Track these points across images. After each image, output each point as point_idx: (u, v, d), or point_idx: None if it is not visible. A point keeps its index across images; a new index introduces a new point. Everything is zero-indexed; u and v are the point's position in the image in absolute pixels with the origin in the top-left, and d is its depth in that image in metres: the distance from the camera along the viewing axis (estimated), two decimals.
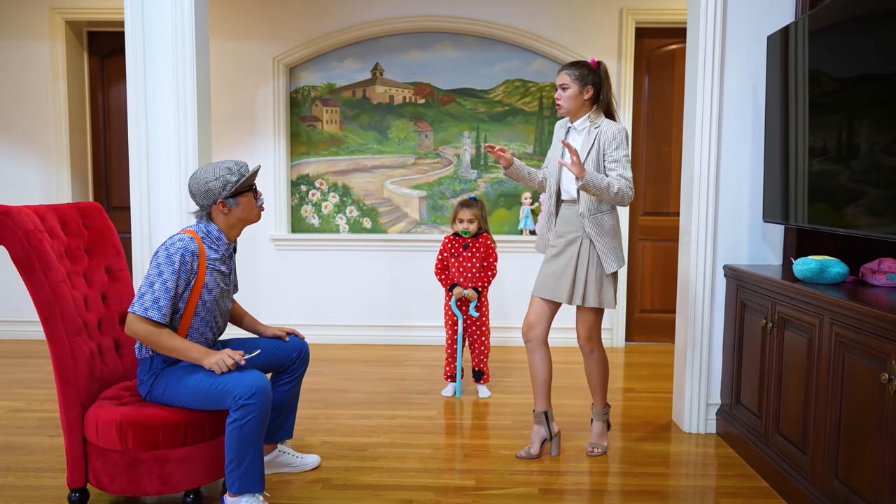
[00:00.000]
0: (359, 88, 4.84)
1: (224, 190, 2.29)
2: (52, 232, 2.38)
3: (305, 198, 4.93)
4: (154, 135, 3.20)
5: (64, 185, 4.91)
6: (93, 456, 2.26)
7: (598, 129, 2.68)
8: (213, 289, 2.32)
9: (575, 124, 2.76)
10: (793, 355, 2.52)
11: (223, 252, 2.35)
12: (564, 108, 2.73)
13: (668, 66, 4.77)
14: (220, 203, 2.31)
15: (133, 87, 3.17)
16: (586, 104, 2.73)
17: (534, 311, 2.82)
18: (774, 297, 2.65)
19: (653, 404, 3.58)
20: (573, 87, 2.69)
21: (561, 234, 2.79)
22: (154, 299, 2.17)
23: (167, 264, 2.19)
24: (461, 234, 3.58)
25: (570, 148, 2.49)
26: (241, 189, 2.33)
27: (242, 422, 2.13)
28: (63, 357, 2.23)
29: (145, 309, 2.16)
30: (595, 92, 2.71)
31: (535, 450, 2.83)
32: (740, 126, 3.11)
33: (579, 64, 2.72)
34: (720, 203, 3.13)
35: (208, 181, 2.28)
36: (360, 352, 4.62)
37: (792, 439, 2.51)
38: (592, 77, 2.70)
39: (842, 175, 2.46)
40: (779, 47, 2.90)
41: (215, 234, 2.33)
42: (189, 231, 2.30)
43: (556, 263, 2.77)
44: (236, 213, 2.34)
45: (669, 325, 4.86)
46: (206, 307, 2.31)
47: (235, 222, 2.36)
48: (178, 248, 2.22)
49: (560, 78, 2.72)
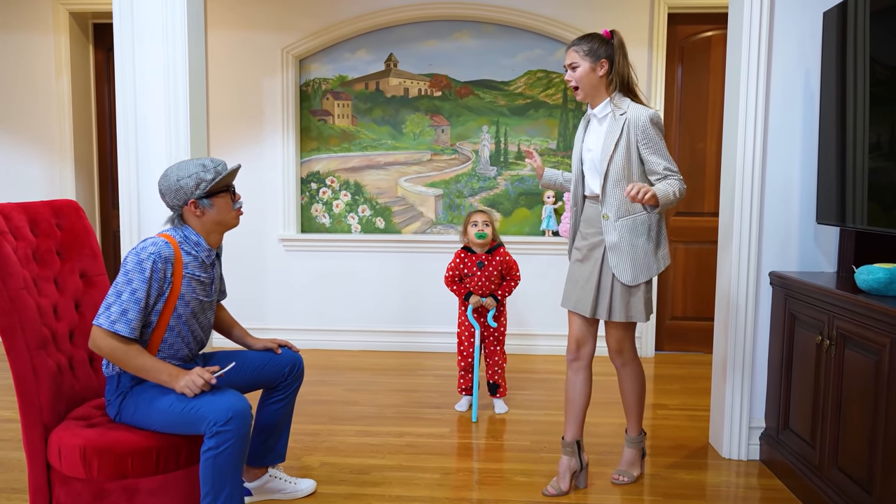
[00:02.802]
0: (372, 81, 4.57)
1: (197, 189, 2.03)
2: (17, 233, 2.14)
3: (316, 196, 4.67)
4: (143, 130, 2.97)
5: (68, 181, 4.73)
6: (56, 484, 2.02)
7: (624, 115, 2.34)
8: (191, 301, 2.06)
9: (595, 111, 2.43)
10: (855, 378, 2.18)
11: (203, 258, 2.09)
12: (580, 90, 2.40)
13: (704, 55, 4.42)
14: (192, 203, 2.04)
15: (122, 80, 2.94)
16: (603, 83, 2.38)
17: (577, 327, 2.49)
18: (832, 310, 2.31)
19: (687, 423, 3.25)
20: (583, 64, 2.35)
21: (585, 236, 2.47)
22: (122, 311, 1.92)
23: (137, 272, 1.94)
24: (477, 237, 3.26)
25: (632, 196, 2.17)
26: (217, 189, 2.07)
27: (218, 451, 1.87)
28: (23, 373, 1.99)
29: (112, 322, 1.91)
30: (610, 66, 2.36)
31: (565, 485, 2.50)
32: (790, 115, 2.76)
33: (588, 37, 2.38)
34: (766, 202, 2.79)
35: (180, 178, 2.03)
36: (371, 359, 4.35)
37: (853, 476, 2.17)
38: (606, 49, 2.36)
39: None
40: (835, 25, 2.55)
41: (193, 239, 2.08)
42: (164, 235, 2.05)
43: (580, 271, 2.46)
44: (211, 216, 2.08)
45: (703, 333, 4.51)
46: (181, 321, 2.05)
47: (211, 226, 2.10)
48: (150, 253, 1.96)
49: (568, 56, 2.39)
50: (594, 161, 2.40)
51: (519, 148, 4.53)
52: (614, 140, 2.33)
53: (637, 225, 2.36)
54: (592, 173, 2.42)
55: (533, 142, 4.52)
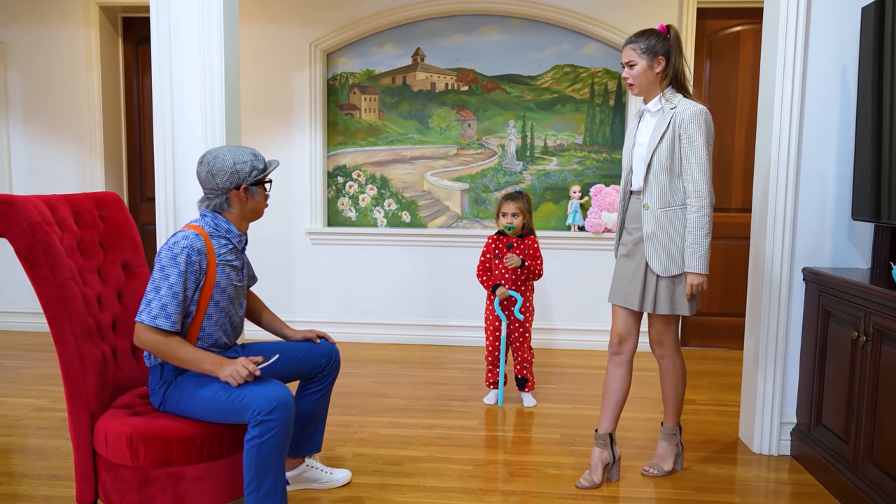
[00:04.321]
0: (399, 75, 4.59)
1: (250, 175, 2.09)
2: (63, 224, 2.19)
3: (342, 190, 4.71)
4: (180, 123, 3.00)
5: (97, 175, 4.80)
6: (102, 470, 2.06)
7: (673, 109, 2.36)
8: (227, 287, 2.11)
9: (649, 106, 2.45)
10: (892, 375, 2.17)
11: (235, 243, 2.14)
12: (636, 87, 2.41)
13: (733, 50, 4.39)
14: (244, 189, 2.10)
15: (158, 73, 2.98)
16: (660, 78, 2.40)
17: (621, 322, 2.50)
18: (869, 306, 2.30)
19: (716, 419, 3.25)
20: (641, 62, 2.38)
21: (630, 232, 2.49)
22: (161, 306, 1.96)
23: (172, 266, 1.98)
24: (506, 229, 3.29)
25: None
26: (262, 179, 2.14)
27: (262, 439, 1.90)
28: (71, 362, 2.04)
29: (153, 318, 1.95)
30: (667, 63, 2.38)
31: (598, 477, 2.52)
32: (826, 111, 2.74)
33: (645, 34, 2.39)
34: (800, 198, 2.78)
35: (237, 162, 2.07)
36: (398, 352, 4.39)
37: (891, 472, 2.16)
38: (663, 46, 2.37)
39: None
40: (873, 20, 2.53)
41: (224, 227, 2.12)
42: (193, 227, 2.08)
43: (627, 266, 2.48)
44: (252, 204, 2.14)
45: (730, 329, 4.50)
46: (218, 308, 2.09)
47: (249, 213, 2.16)
48: (183, 247, 2.00)
49: (625, 55, 2.41)
50: (642, 155, 2.43)
51: (545, 143, 4.53)
52: (661, 132, 2.35)
53: (675, 217, 2.37)
54: (640, 166, 2.43)
55: (560, 136, 4.52)
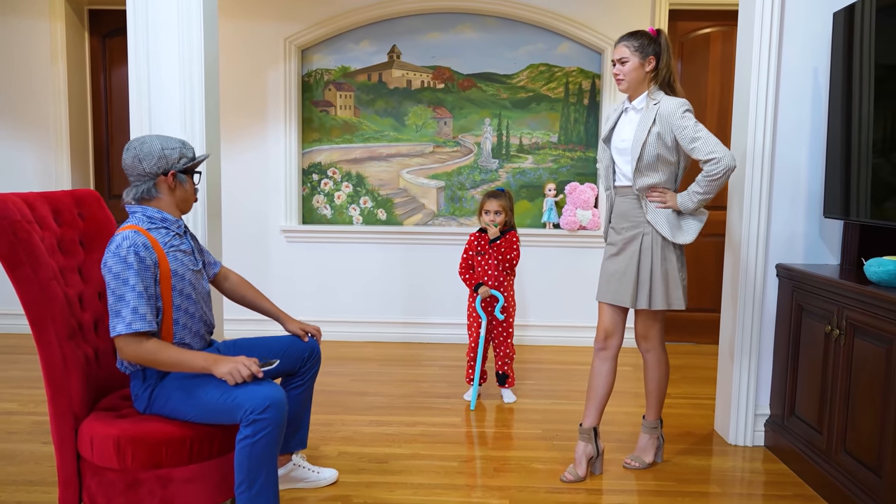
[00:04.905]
0: (375, 72, 4.57)
1: (178, 162, 2.07)
2: (42, 223, 2.13)
3: (317, 187, 4.67)
4: (158, 119, 2.94)
5: (63, 172, 4.67)
6: (87, 474, 2.02)
7: (657, 105, 2.42)
8: (185, 273, 2.06)
9: (634, 103, 2.50)
10: (866, 366, 2.26)
11: (174, 229, 2.09)
12: (625, 83, 2.47)
13: (703, 51, 4.49)
14: (172, 175, 2.06)
15: (135, 68, 2.91)
16: (647, 78, 2.46)
17: (608, 318, 2.55)
18: (842, 301, 2.39)
19: (692, 412, 3.33)
20: (633, 59, 2.43)
21: (619, 231, 2.54)
22: (132, 310, 1.90)
23: (125, 269, 1.92)
24: (487, 227, 3.31)
25: (653, 196, 2.47)
26: (191, 168, 2.13)
27: (254, 439, 1.88)
28: (54, 364, 1.99)
29: (128, 324, 1.90)
30: (657, 63, 2.45)
31: (582, 471, 2.57)
32: (798, 112, 2.84)
33: (638, 34, 2.46)
34: (774, 197, 2.86)
35: (164, 148, 2.05)
36: (375, 350, 4.38)
37: (864, 460, 2.25)
38: (653, 47, 2.44)
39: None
40: (843, 26, 2.63)
41: (157, 216, 2.06)
42: (127, 227, 2.02)
43: (616, 263, 2.52)
44: (181, 192, 2.11)
45: (700, 324, 4.61)
46: (184, 296, 2.05)
47: (179, 202, 2.12)
48: (127, 246, 1.94)
49: (617, 51, 2.46)
50: (628, 149, 2.48)
51: (521, 141, 4.57)
52: (647, 128, 2.41)
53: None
54: (626, 161, 2.48)
55: (535, 134, 4.56)
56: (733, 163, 2.32)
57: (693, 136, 2.34)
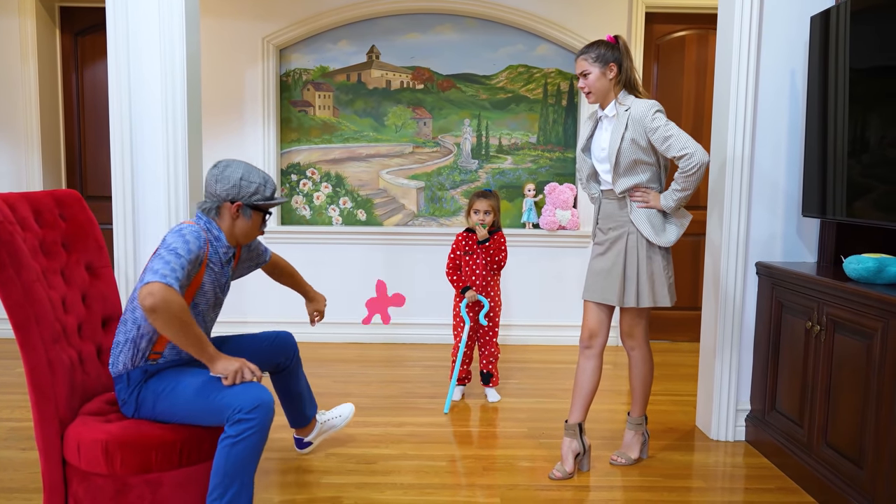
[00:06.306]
0: (354, 72, 4.55)
1: (252, 196, 2.07)
2: (24, 224, 2.08)
3: (296, 188, 4.64)
4: (138, 119, 2.89)
5: (35, 172, 4.56)
6: (73, 480, 1.98)
7: (627, 110, 2.45)
8: (208, 292, 2.08)
9: (605, 111, 2.54)
10: (846, 361, 2.32)
11: (221, 253, 2.10)
12: (593, 95, 2.50)
13: (679, 53, 4.57)
14: (238, 206, 2.06)
15: (115, 67, 2.86)
16: (613, 84, 2.49)
17: (593, 317, 2.58)
18: (822, 297, 2.46)
19: (673, 408, 3.39)
20: (594, 70, 2.47)
21: (605, 231, 2.58)
22: (171, 269, 1.85)
23: (180, 242, 1.94)
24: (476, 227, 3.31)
25: (636, 196, 2.51)
26: (263, 207, 2.12)
27: (236, 440, 1.84)
28: (39, 368, 1.94)
29: (163, 276, 1.82)
30: (619, 69, 2.48)
31: (569, 467, 2.59)
32: (777, 113, 2.90)
33: (595, 45, 2.49)
34: (753, 196, 2.93)
35: (244, 178, 2.05)
36: (357, 351, 4.36)
37: (845, 453, 2.31)
38: (612, 53, 2.47)
39: (892, 165, 2.27)
40: (820, 30, 2.70)
41: (215, 233, 2.10)
42: (196, 224, 2.07)
43: (602, 262, 2.56)
44: (242, 226, 2.11)
45: (678, 322, 4.69)
46: (197, 312, 2.07)
47: (238, 233, 2.12)
48: (192, 230, 1.99)
49: (578, 66, 2.50)
50: (606, 157, 2.52)
51: (500, 142, 4.59)
52: (620, 133, 2.45)
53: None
54: (606, 167, 2.52)
55: (514, 135, 4.59)
56: (706, 157, 2.37)
57: (665, 136, 2.39)
